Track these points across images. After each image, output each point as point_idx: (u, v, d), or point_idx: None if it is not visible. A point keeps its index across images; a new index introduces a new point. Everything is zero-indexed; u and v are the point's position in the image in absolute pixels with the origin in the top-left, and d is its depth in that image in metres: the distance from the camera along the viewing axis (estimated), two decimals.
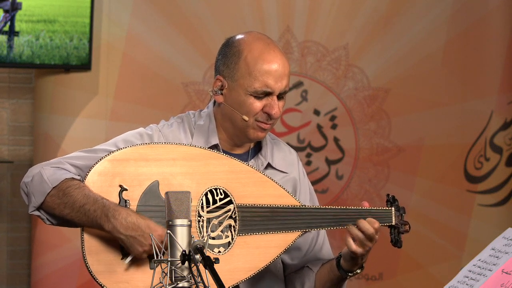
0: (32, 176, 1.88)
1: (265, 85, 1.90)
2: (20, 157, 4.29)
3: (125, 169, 1.88)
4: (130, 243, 1.79)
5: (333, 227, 1.98)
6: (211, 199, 1.92)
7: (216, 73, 1.99)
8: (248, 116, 1.93)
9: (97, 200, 1.82)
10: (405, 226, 2.03)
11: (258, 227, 1.93)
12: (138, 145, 1.92)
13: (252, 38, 1.96)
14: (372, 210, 1.98)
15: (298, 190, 2.08)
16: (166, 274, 1.70)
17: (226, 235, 1.92)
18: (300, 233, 1.96)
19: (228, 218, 1.93)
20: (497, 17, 4.21)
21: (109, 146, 1.95)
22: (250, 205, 1.94)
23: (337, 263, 2.00)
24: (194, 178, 1.91)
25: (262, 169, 2.02)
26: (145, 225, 1.79)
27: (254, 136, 1.97)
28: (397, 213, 2.02)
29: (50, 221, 1.91)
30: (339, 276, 2.01)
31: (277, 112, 1.92)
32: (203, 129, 2.02)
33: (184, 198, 1.72)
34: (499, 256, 1.70)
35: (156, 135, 2.00)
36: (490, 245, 1.76)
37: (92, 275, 1.84)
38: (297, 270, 2.11)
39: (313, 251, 2.10)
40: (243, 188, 1.93)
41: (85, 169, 1.88)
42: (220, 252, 1.90)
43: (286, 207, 1.96)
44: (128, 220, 1.79)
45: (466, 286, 1.69)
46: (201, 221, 1.90)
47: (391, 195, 2.05)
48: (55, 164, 1.91)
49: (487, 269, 1.69)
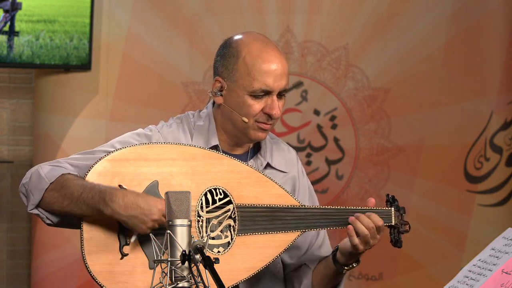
0: (30, 175, 1.89)
1: (264, 84, 1.90)
2: (20, 157, 4.29)
3: (124, 169, 1.88)
4: (132, 223, 1.79)
5: (333, 227, 1.98)
6: (211, 199, 1.92)
7: (215, 75, 1.98)
8: (247, 117, 1.93)
9: (93, 186, 1.82)
10: (405, 226, 2.03)
11: (258, 227, 1.93)
12: (138, 145, 1.92)
13: (250, 38, 1.95)
14: (372, 210, 1.98)
15: (297, 189, 2.08)
16: (166, 274, 1.70)
17: (225, 235, 1.92)
18: (299, 233, 1.96)
19: (227, 218, 1.93)
20: (497, 17, 4.20)
21: (108, 147, 1.95)
22: (250, 205, 1.94)
23: (333, 257, 2.00)
24: (193, 178, 1.91)
25: (261, 169, 2.02)
26: (144, 202, 1.79)
27: (255, 137, 1.97)
28: (397, 213, 2.02)
29: (50, 220, 1.91)
30: (335, 271, 2.00)
31: (277, 112, 1.92)
32: (203, 130, 2.02)
33: (184, 198, 1.72)
34: (499, 256, 1.70)
35: (156, 136, 2.00)
36: (490, 245, 1.76)
37: (92, 275, 1.84)
38: (295, 269, 2.11)
39: (312, 250, 2.10)
40: (242, 188, 1.93)
41: (84, 169, 1.88)
42: (220, 252, 1.90)
43: (285, 207, 1.96)
44: (125, 201, 1.78)
45: (466, 286, 1.69)
46: (200, 221, 1.90)
47: (390, 195, 2.05)
48: (53, 163, 1.91)
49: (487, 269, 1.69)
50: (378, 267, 4.15)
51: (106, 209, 1.79)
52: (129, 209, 1.78)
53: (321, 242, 2.12)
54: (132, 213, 1.78)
